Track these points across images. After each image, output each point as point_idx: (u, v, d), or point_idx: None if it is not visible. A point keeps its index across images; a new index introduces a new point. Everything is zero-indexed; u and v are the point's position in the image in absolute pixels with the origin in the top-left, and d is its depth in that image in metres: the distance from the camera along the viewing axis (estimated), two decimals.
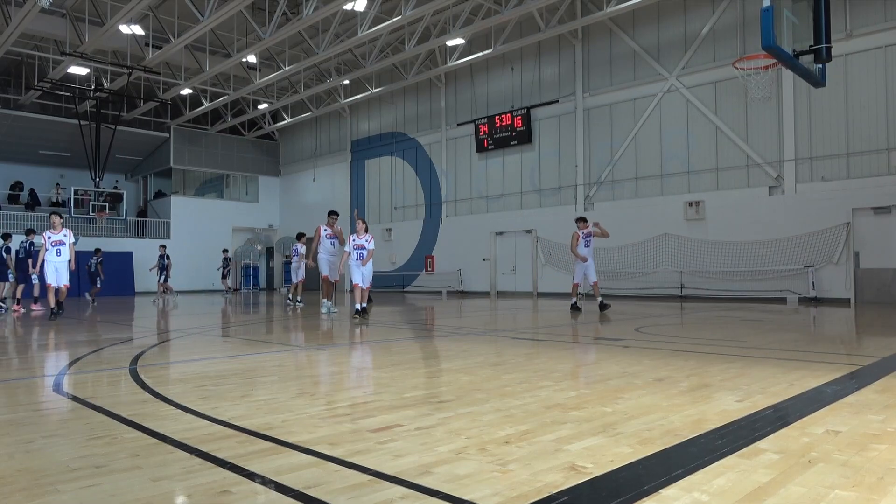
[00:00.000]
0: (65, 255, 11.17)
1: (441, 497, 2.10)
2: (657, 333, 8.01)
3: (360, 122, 27.88)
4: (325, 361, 5.91)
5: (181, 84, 23.98)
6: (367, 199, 27.27)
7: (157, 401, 3.82)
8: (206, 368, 5.56)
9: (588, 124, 19.72)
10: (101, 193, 27.10)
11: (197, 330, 9.24)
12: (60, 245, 11.18)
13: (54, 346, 7.16)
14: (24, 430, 3.09)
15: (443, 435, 2.93)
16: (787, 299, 15.20)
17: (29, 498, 2.13)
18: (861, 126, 14.68)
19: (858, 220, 14.55)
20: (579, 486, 2.20)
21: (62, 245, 11.20)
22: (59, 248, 11.15)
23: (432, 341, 7.57)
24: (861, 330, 8.83)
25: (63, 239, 11.26)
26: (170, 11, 19.13)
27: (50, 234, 11.24)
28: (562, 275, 19.88)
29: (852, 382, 4.29)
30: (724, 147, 16.88)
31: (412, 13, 17.15)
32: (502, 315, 12.10)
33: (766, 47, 6.50)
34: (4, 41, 19.01)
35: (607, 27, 19.05)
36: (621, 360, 5.35)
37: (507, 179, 21.74)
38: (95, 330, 9.40)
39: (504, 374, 4.82)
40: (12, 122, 25.71)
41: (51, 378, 4.70)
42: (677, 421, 3.15)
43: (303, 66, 21.85)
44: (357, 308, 10.12)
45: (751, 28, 16.04)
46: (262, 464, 2.48)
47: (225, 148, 31.05)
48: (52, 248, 11.13)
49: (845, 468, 2.38)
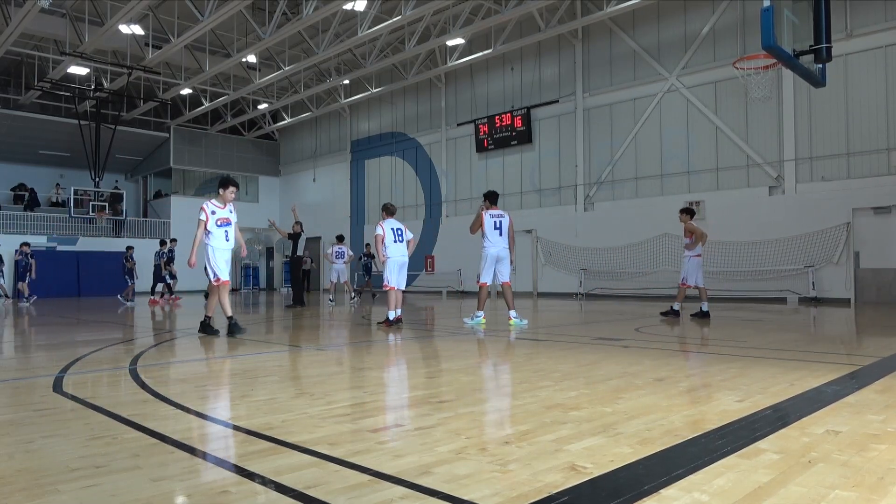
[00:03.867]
0: (232, 241, 8.01)
1: (441, 497, 2.10)
2: (657, 333, 8.00)
3: (360, 122, 27.88)
4: (325, 361, 5.91)
5: (181, 84, 23.98)
6: (367, 199, 27.27)
7: (157, 401, 3.82)
8: (206, 368, 5.56)
9: (588, 124, 19.72)
10: (101, 193, 27.11)
11: (197, 330, 9.23)
12: (227, 225, 7.90)
13: (54, 346, 7.16)
14: (24, 430, 3.09)
15: (443, 435, 2.92)
16: (787, 299, 15.20)
17: (29, 498, 2.13)
18: (861, 126, 14.68)
19: (858, 220, 14.54)
20: (579, 486, 2.20)
21: (229, 225, 7.92)
22: (227, 231, 7.90)
23: (432, 341, 7.57)
24: (861, 330, 8.83)
25: (230, 217, 7.97)
26: (170, 11, 19.13)
27: (215, 208, 7.88)
28: (562, 275, 19.90)
29: (852, 382, 4.28)
30: (724, 147, 16.88)
31: (412, 13, 17.15)
32: (502, 315, 12.10)
33: (766, 47, 6.50)
34: (4, 41, 19.01)
35: (607, 27, 19.05)
36: (621, 360, 5.35)
37: (507, 179, 21.74)
38: (95, 330, 9.40)
39: (504, 374, 4.82)
40: (12, 122, 25.72)
41: (51, 378, 4.70)
42: (677, 421, 3.15)
43: (303, 66, 21.86)
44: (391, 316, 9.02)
45: (751, 28, 16.03)
46: (262, 464, 2.48)
47: (225, 148, 31.05)
48: (218, 229, 7.83)
49: (845, 468, 2.38)
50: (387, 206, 9.52)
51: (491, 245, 9.24)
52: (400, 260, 9.17)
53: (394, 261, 9.11)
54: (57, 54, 21.33)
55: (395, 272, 9.14)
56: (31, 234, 25.24)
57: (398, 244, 9.15)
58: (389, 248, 9.08)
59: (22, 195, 27.79)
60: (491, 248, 9.23)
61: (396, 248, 9.14)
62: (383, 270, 9.24)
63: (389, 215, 9.35)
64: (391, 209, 9.49)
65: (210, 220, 7.78)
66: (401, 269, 9.20)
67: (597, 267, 18.89)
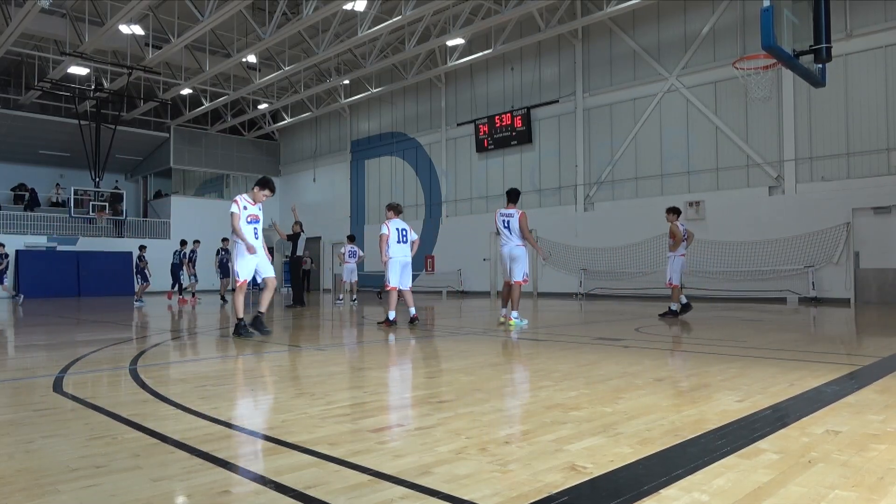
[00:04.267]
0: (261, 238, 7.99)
1: (441, 497, 2.10)
2: (657, 333, 8.00)
3: (360, 122, 27.88)
4: (325, 361, 5.91)
5: (181, 84, 23.98)
6: (367, 199, 27.27)
7: (157, 401, 3.82)
8: (206, 368, 5.56)
9: (588, 124, 19.72)
10: (101, 193, 27.12)
11: (197, 330, 9.24)
12: (256, 223, 7.90)
13: (54, 346, 7.16)
14: (24, 430, 3.09)
15: (443, 435, 2.92)
16: (787, 299, 15.20)
17: (29, 498, 2.13)
18: (861, 126, 14.68)
19: (858, 220, 14.54)
20: (579, 486, 2.20)
21: (258, 223, 7.93)
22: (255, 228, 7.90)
23: (432, 341, 7.57)
24: (861, 330, 8.83)
25: (259, 214, 7.97)
26: (170, 11, 19.13)
27: (247, 203, 7.85)
28: (562, 275, 19.90)
29: (852, 382, 4.28)
30: (724, 147, 16.88)
31: (412, 13, 17.16)
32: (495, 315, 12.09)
33: (766, 47, 6.50)
34: (4, 41, 19.01)
35: (607, 27, 19.05)
36: (621, 360, 5.35)
37: (507, 179, 21.73)
38: (95, 330, 9.40)
39: (504, 374, 4.82)
40: (12, 122, 25.72)
41: (51, 378, 4.70)
42: (677, 421, 3.15)
43: (303, 66, 21.86)
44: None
45: (751, 28, 16.03)
46: (262, 464, 2.48)
47: (225, 148, 31.05)
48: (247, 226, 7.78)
49: (845, 468, 2.38)
50: (394, 205, 9.42)
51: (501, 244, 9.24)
52: (402, 260, 9.15)
53: (395, 261, 9.11)
54: (57, 54, 21.34)
55: (398, 272, 9.14)
56: (31, 233, 25.27)
57: (401, 244, 9.14)
58: (392, 247, 9.07)
59: (22, 195, 27.80)
60: (502, 247, 9.22)
61: (399, 248, 9.13)
62: (386, 270, 9.23)
63: (396, 215, 9.30)
64: (398, 208, 9.41)
65: (242, 216, 7.66)
66: (403, 268, 9.19)
67: (597, 267, 18.89)
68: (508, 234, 9.14)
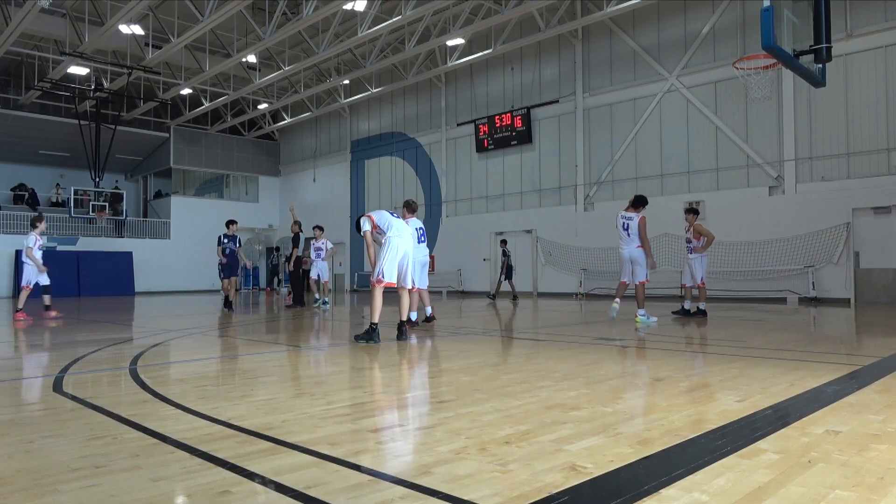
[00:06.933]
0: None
1: (441, 497, 2.10)
2: (657, 333, 8.00)
3: (360, 122, 27.88)
4: (324, 361, 5.91)
5: (181, 84, 23.98)
6: (367, 199, 27.26)
7: (157, 401, 3.82)
8: (206, 368, 5.56)
9: (588, 124, 19.72)
10: (102, 193, 27.11)
11: (197, 330, 9.24)
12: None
13: (54, 346, 7.16)
14: (24, 430, 3.09)
15: (443, 435, 2.92)
16: (787, 299, 15.20)
17: (29, 498, 2.13)
18: (861, 126, 14.68)
19: (858, 220, 14.54)
20: (579, 486, 2.20)
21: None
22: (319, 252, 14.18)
23: (432, 341, 7.57)
24: (861, 330, 8.83)
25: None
26: (170, 11, 19.13)
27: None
28: (562, 275, 19.90)
29: (852, 382, 4.28)
30: (724, 147, 16.88)
31: (412, 13, 17.16)
32: (502, 315, 12.10)
33: (766, 47, 6.50)
34: (4, 41, 19.00)
35: (607, 27, 19.06)
36: (621, 360, 5.35)
37: (507, 179, 21.74)
38: (95, 330, 9.39)
39: (504, 374, 4.82)
40: (12, 122, 25.72)
41: (51, 378, 4.70)
42: (677, 421, 3.15)
43: (303, 66, 21.86)
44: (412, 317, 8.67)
45: (751, 28, 16.04)
46: (262, 464, 2.48)
47: (225, 148, 31.05)
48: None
49: (845, 468, 2.38)
50: (409, 202, 9.14)
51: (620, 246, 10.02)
52: (421, 260, 8.95)
53: (415, 260, 8.96)
54: (57, 54, 21.34)
55: (418, 272, 8.98)
56: None
57: (420, 244, 8.88)
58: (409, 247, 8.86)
59: (22, 195, 27.79)
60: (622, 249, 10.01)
61: (417, 248, 8.77)
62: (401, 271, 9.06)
63: (411, 213, 9.03)
64: (413, 206, 9.15)
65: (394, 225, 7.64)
66: (423, 268, 9.08)
67: (597, 267, 18.88)
68: (627, 236, 9.54)
